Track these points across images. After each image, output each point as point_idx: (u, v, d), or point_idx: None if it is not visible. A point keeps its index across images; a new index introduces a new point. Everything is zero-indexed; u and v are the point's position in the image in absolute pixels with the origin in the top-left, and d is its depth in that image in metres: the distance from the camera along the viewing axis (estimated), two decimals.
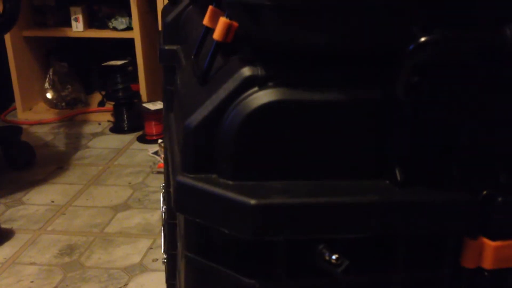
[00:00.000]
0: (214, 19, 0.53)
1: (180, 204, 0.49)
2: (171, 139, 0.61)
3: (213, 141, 0.47)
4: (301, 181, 0.47)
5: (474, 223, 0.48)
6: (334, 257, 0.45)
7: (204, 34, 0.58)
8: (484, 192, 0.48)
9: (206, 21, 0.55)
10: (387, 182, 0.48)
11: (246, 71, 0.47)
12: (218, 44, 0.51)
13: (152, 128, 2.16)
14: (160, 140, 2.00)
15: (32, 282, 1.35)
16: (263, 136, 0.46)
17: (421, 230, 0.48)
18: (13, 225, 1.60)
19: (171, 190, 0.53)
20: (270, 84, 0.47)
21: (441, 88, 0.47)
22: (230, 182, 0.47)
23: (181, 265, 0.55)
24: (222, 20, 0.50)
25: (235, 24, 0.50)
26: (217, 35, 0.50)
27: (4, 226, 1.58)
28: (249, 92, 0.47)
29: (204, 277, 0.50)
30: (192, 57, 0.60)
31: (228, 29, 0.50)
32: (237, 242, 0.47)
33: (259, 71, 0.47)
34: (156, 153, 1.99)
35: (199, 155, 0.48)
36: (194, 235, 0.50)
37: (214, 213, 0.47)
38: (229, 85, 0.47)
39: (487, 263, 0.49)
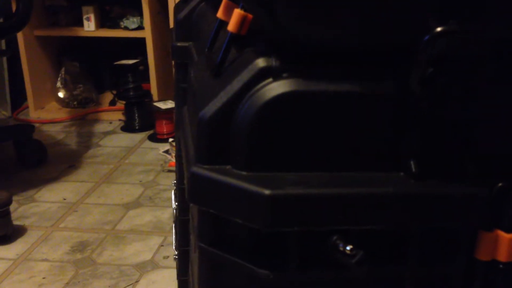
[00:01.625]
0: (228, 12, 0.54)
1: (194, 195, 0.49)
2: (185, 132, 0.61)
3: (227, 132, 0.47)
4: (315, 172, 0.48)
5: (489, 215, 0.48)
6: (348, 247, 0.45)
7: (218, 27, 0.58)
8: (499, 185, 0.48)
9: (220, 14, 0.56)
10: (402, 174, 0.48)
11: (261, 62, 0.47)
12: (232, 36, 0.51)
13: (163, 127, 2.17)
14: (171, 139, 2.01)
15: (44, 278, 1.36)
16: (277, 127, 0.46)
17: (435, 223, 0.48)
18: (25, 222, 1.61)
19: (185, 181, 0.53)
20: (285, 75, 0.47)
21: (456, 81, 0.47)
22: (244, 173, 0.47)
23: (195, 256, 0.55)
24: (237, 12, 0.50)
25: (250, 16, 0.50)
26: (231, 27, 0.50)
27: (16, 223, 1.59)
28: (263, 83, 0.47)
29: (218, 268, 0.50)
30: (206, 50, 0.60)
31: (242, 21, 0.50)
32: (251, 233, 0.47)
33: (274, 63, 0.47)
34: (167, 151, 2.00)
35: (213, 146, 0.48)
36: (208, 226, 0.50)
37: (228, 203, 0.47)
38: (244, 76, 0.47)
39: (502, 256, 0.48)
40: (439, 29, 0.42)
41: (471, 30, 0.44)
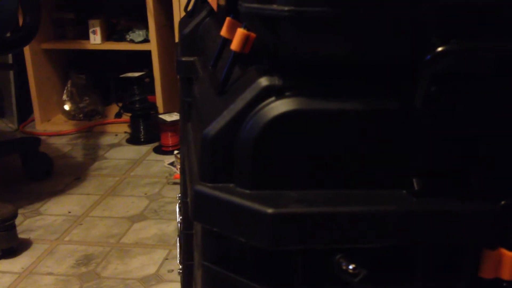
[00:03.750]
0: (232, 30, 0.54)
1: (198, 213, 0.49)
2: (189, 148, 0.61)
3: (231, 151, 0.48)
4: (318, 190, 0.48)
5: (493, 233, 0.48)
6: (351, 267, 0.45)
7: (222, 45, 0.59)
8: (503, 202, 0.47)
9: (223, 32, 0.56)
10: (404, 192, 0.48)
11: (264, 81, 0.48)
12: (235, 54, 0.51)
13: (168, 139, 2.18)
14: (176, 151, 2.02)
15: None
16: (280, 146, 0.47)
17: (438, 241, 0.48)
18: (31, 235, 1.62)
19: (189, 199, 0.53)
20: (288, 93, 0.47)
21: (459, 98, 0.47)
22: (248, 191, 0.47)
23: (198, 274, 0.56)
24: (240, 31, 0.50)
25: (253, 35, 0.50)
26: (234, 46, 0.51)
27: (22, 236, 1.59)
28: (266, 102, 0.47)
29: (221, 286, 0.50)
30: (210, 67, 0.61)
31: (245, 40, 0.50)
32: (255, 252, 0.47)
33: (277, 81, 0.47)
34: (172, 164, 2.00)
35: (216, 164, 0.48)
36: (211, 244, 0.50)
37: (231, 222, 0.47)
38: (247, 95, 0.48)
39: (506, 274, 0.48)
40: (440, 49, 0.43)
41: (472, 48, 0.45)
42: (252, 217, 0.46)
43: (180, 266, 1.05)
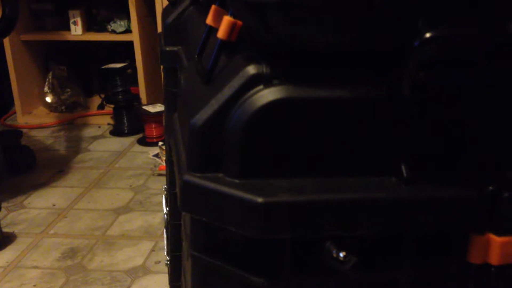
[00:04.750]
0: (218, 18, 0.53)
1: (187, 203, 0.49)
2: (176, 139, 0.61)
3: (219, 140, 0.47)
4: (307, 178, 0.47)
5: (481, 219, 0.48)
6: (341, 254, 0.45)
7: (207, 33, 0.58)
8: (490, 188, 0.48)
9: (209, 20, 0.55)
10: (393, 179, 0.48)
11: (251, 69, 0.47)
12: (222, 43, 0.51)
13: (153, 130, 2.16)
14: (160, 143, 2.00)
15: (34, 286, 1.35)
16: (269, 134, 0.46)
17: (427, 227, 0.48)
18: (15, 229, 1.60)
19: (177, 189, 0.53)
20: (275, 82, 0.47)
21: (446, 85, 0.47)
22: (237, 181, 0.47)
23: (187, 265, 0.55)
24: (226, 19, 0.50)
25: (239, 22, 0.50)
26: (221, 34, 0.50)
27: (6, 230, 1.57)
28: (254, 91, 0.47)
29: (211, 276, 0.50)
30: (195, 57, 0.60)
31: (232, 28, 0.50)
32: (244, 241, 0.47)
33: (264, 69, 0.47)
34: (156, 155, 1.99)
35: (205, 154, 0.48)
36: (200, 234, 0.50)
37: (220, 211, 0.47)
38: (234, 84, 0.47)
39: (494, 259, 0.48)
40: (428, 34, 0.42)
41: (460, 34, 0.44)
42: (242, 206, 0.45)
43: (168, 257, 1.05)
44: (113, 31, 2.31)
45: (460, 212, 0.48)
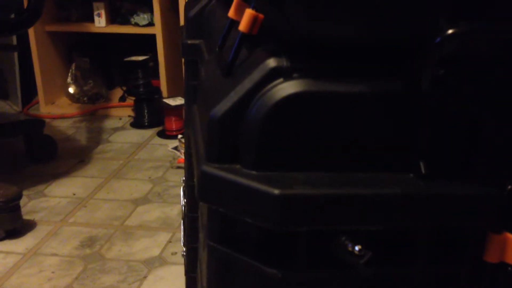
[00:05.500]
0: (240, 11, 0.54)
1: (204, 194, 0.49)
2: (195, 130, 0.61)
3: (238, 132, 0.48)
4: (324, 172, 0.48)
5: (498, 217, 0.48)
6: (357, 248, 0.45)
7: (229, 26, 0.58)
8: (509, 187, 0.48)
9: (231, 13, 0.56)
10: (411, 175, 0.48)
11: (272, 62, 0.47)
12: (243, 36, 0.51)
13: (172, 123, 2.18)
14: (180, 136, 2.02)
15: (53, 272, 1.37)
16: (287, 127, 0.47)
17: (444, 224, 0.48)
18: (35, 217, 1.63)
19: (195, 180, 0.53)
20: (295, 75, 0.47)
21: (467, 82, 0.47)
22: (254, 172, 0.47)
23: (203, 255, 0.56)
24: (248, 12, 0.50)
25: (261, 16, 0.50)
26: (242, 26, 0.50)
27: (26, 217, 1.60)
28: (274, 83, 0.47)
29: (226, 267, 0.51)
30: (217, 49, 0.60)
31: (254, 21, 0.50)
32: (260, 232, 0.47)
33: (285, 63, 0.47)
34: (176, 148, 2.01)
35: (223, 145, 0.48)
36: (217, 224, 0.50)
37: (237, 202, 0.47)
38: (254, 76, 0.48)
39: (510, 258, 0.48)
40: (450, 31, 0.42)
41: (481, 31, 0.44)
42: (258, 198, 0.46)
43: (184, 249, 1.06)
44: (136, 24, 2.33)
45: (477, 210, 0.48)
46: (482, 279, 0.50)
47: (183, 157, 1.87)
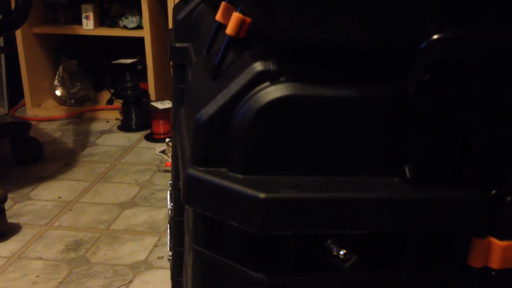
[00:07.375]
0: (227, 15, 0.54)
1: (190, 197, 0.49)
2: (181, 133, 0.61)
3: (224, 135, 0.47)
4: (311, 176, 0.48)
5: (483, 222, 0.48)
6: (342, 252, 0.45)
7: (217, 29, 0.58)
8: (493, 192, 0.48)
9: (218, 16, 0.56)
10: (397, 179, 0.48)
11: (258, 66, 0.47)
12: (230, 39, 0.51)
13: (160, 127, 2.17)
14: (168, 139, 2.01)
15: (37, 276, 1.36)
16: (274, 131, 0.47)
17: (429, 228, 0.48)
18: (20, 220, 1.61)
19: (181, 183, 0.53)
20: (282, 79, 0.47)
21: (453, 87, 0.47)
22: (240, 176, 0.47)
23: (189, 258, 0.56)
24: (235, 16, 0.50)
25: (248, 19, 0.50)
26: (230, 30, 0.50)
27: (11, 220, 1.59)
28: (261, 87, 0.47)
29: (211, 271, 0.50)
30: (204, 52, 0.60)
31: (241, 24, 0.50)
32: (246, 236, 0.47)
33: (271, 66, 0.47)
34: (163, 151, 2.00)
35: (209, 148, 0.48)
36: (202, 228, 0.50)
37: (223, 206, 0.47)
38: (241, 80, 0.48)
39: (494, 263, 0.48)
40: (435, 36, 0.43)
41: (467, 36, 0.45)
42: (244, 202, 0.46)
43: (170, 253, 1.05)
44: (125, 27, 2.32)
45: (462, 215, 0.48)
46: (469, 283, 0.50)
47: (170, 160, 1.86)
